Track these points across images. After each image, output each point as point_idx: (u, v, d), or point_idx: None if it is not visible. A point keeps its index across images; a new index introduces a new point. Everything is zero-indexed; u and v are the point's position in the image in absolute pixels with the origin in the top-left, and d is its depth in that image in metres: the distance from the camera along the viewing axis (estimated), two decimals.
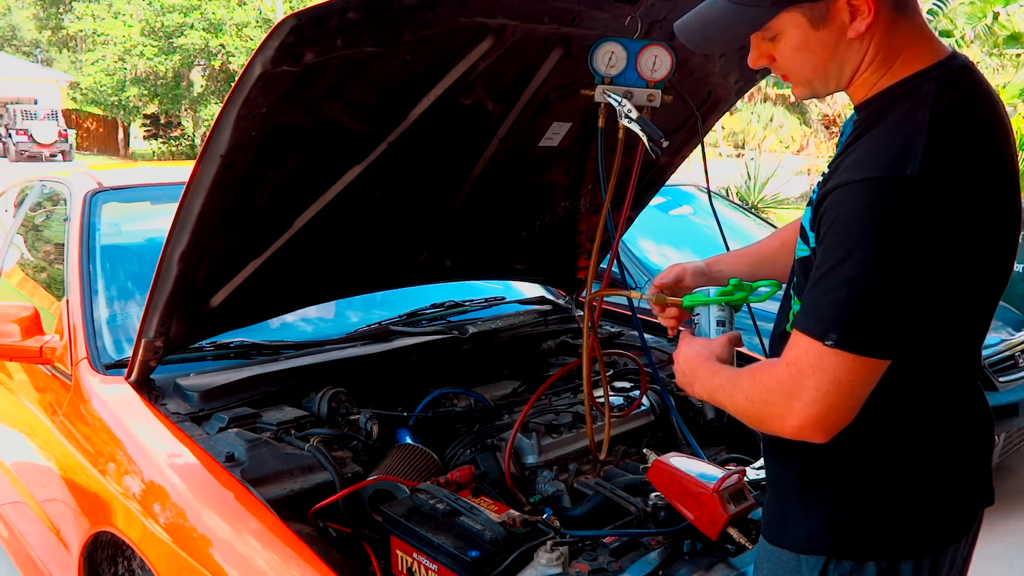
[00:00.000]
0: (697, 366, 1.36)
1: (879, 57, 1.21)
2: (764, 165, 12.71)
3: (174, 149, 29.46)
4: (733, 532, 1.64)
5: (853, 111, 1.29)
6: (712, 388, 1.32)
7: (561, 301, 3.03)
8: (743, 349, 1.88)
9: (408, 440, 2.06)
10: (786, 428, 1.16)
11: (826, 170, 1.25)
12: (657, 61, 1.84)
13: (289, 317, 2.46)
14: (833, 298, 1.11)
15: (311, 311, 2.53)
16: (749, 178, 11.82)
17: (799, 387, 1.13)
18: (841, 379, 1.11)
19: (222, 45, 25.39)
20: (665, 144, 1.74)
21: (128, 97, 27.33)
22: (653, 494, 1.81)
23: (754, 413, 1.22)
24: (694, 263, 1.62)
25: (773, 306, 1.45)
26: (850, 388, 1.12)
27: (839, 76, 1.24)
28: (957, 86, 1.18)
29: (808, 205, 1.26)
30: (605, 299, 1.97)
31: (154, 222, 2.80)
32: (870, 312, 1.10)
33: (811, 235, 1.22)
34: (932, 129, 1.12)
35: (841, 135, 1.32)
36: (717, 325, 1.45)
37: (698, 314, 1.48)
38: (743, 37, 1.26)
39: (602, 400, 2.10)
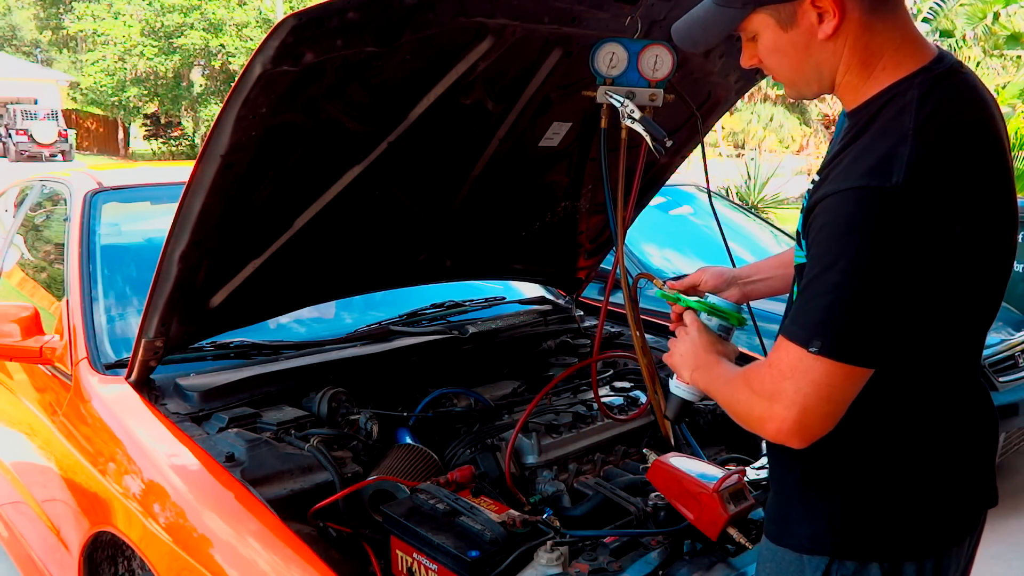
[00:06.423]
0: (700, 349, 1.40)
1: (857, 60, 1.21)
2: (764, 165, 12.72)
3: (174, 149, 29.45)
4: (733, 532, 1.64)
5: (842, 112, 1.30)
6: (710, 379, 1.36)
7: (561, 301, 3.03)
8: (743, 349, 1.88)
9: (408, 440, 2.05)
10: (766, 430, 1.18)
11: (816, 177, 1.25)
12: (658, 61, 1.84)
13: (289, 317, 2.46)
14: (817, 305, 1.12)
15: (311, 311, 2.53)
16: (749, 178, 11.83)
17: (779, 390, 1.14)
18: (821, 384, 1.12)
19: (222, 45, 25.40)
20: (669, 144, 1.73)
21: (128, 97, 27.34)
22: (653, 494, 1.81)
23: (739, 412, 1.25)
24: (722, 268, 1.64)
25: (773, 306, 1.45)
26: (829, 393, 1.12)
27: (819, 79, 1.25)
28: (942, 91, 1.17)
29: (800, 212, 1.26)
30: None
31: (154, 222, 2.80)
32: (854, 320, 1.11)
33: (804, 241, 1.22)
34: (917, 136, 1.11)
35: (835, 133, 1.33)
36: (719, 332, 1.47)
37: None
38: (721, 36, 1.30)
39: (604, 398, 2.10)
